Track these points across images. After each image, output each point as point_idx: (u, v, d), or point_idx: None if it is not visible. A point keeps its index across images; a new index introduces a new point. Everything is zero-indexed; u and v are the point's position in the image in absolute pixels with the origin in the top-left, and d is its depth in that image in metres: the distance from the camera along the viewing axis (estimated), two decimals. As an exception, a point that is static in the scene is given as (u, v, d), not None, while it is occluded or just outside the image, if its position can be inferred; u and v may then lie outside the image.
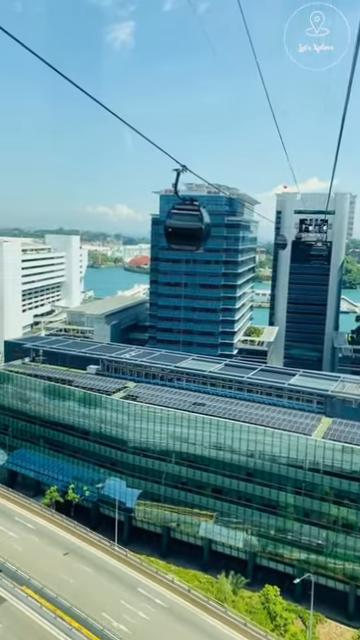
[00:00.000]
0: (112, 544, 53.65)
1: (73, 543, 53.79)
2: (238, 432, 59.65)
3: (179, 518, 63.17)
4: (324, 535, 55.65)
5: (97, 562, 50.63)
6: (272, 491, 58.04)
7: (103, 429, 68.17)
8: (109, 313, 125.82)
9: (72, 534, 55.61)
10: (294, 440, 56.69)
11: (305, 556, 56.33)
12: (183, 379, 73.40)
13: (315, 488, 55.94)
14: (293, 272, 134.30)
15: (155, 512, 64.46)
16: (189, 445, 62.52)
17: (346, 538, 54.53)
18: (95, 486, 68.33)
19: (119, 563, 50.42)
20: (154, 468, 64.42)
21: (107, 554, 52.08)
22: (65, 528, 56.75)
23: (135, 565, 50.54)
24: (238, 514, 60.01)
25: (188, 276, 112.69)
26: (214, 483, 61.25)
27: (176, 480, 63.32)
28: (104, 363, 77.48)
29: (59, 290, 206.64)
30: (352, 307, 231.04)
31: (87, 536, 55.13)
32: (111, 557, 51.74)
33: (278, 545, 57.86)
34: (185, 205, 11.27)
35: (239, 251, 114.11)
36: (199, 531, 61.88)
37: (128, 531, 66.36)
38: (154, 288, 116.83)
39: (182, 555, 64.11)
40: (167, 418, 63.45)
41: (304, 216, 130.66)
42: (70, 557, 51.34)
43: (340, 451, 54.57)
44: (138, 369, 75.99)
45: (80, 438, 70.65)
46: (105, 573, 49.05)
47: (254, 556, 59.41)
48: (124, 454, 66.28)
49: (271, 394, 67.92)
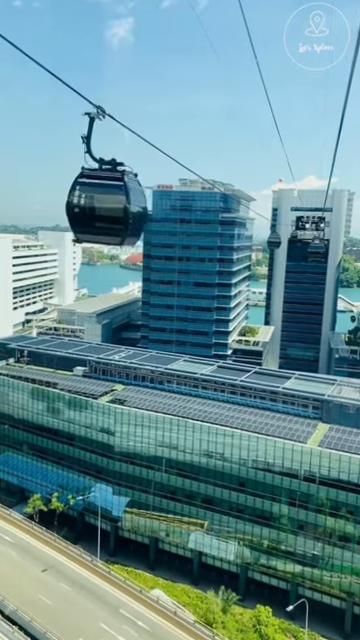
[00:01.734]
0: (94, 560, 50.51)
1: (53, 558, 50.65)
2: (230, 439, 56.59)
3: (168, 529, 60.14)
4: (319, 548, 52.73)
5: (77, 579, 47.51)
6: (265, 502, 55.06)
7: (89, 434, 64.97)
8: (100, 312, 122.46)
9: (52, 548, 52.48)
10: (289, 448, 53.67)
11: (299, 570, 53.43)
12: (174, 382, 70.24)
13: (310, 499, 52.97)
14: (289, 271, 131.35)
15: (143, 522, 61.40)
16: (178, 452, 59.43)
17: (342, 552, 51.62)
18: (80, 494, 65.20)
19: (101, 581, 47.31)
20: (142, 476, 61.30)
21: (89, 570, 48.97)
22: (45, 541, 53.60)
23: (118, 583, 47.44)
24: (229, 525, 57.01)
25: (181, 274, 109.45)
26: (204, 493, 58.20)
27: (165, 489, 60.24)
28: (91, 365, 74.20)
29: (52, 287, 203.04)
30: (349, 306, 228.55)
31: (68, 550, 51.99)
32: (93, 574, 48.63)
33: (271, 558, 54.90)
34: (101, 172, 7.14)
35: (234, 249, 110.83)
36: (189, 543, 58.87)
37: (114, 542, 63.34)
38: (147, 286, 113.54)
39: (171, 567, 61.16)
40: (155, 423, 60.31)
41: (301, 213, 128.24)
42: (49, 574, 48.20)
43: (337, 460, 51.58)
44: (127, 371, 72.76)
45: (65, 444, 67.46)
46: (85, 592, 45.95)
47: (246, 570, 56.45)
48: (110, 461, 63.12)
49: (265, 398, 64.89)
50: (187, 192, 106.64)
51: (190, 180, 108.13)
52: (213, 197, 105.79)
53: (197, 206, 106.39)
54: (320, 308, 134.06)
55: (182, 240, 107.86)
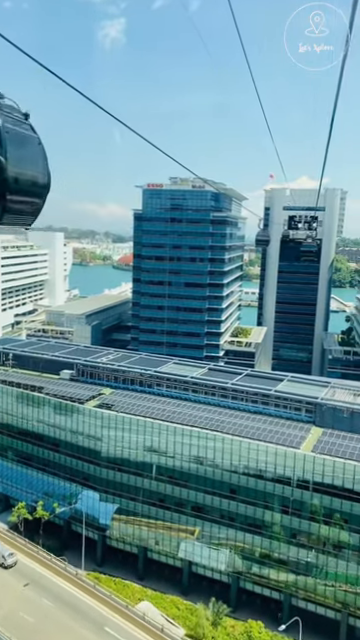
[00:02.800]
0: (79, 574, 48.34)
1: (36, 572, 48.47)
2: (221, 445, 54.71)
3: (157, 538, 58.13)
4: (313, 557, 50.98)
5: (61, 595, 45.37)
6: (257, 509, 53.24)
7: (75, 440, 62.81)
8: (90, 313, 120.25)
9: (35, 561, 50.23)
10: (281, 454, 51.89)
11: (292, 580, 51.65)
12: (163, 385, 68.22)
13: (303, 506, 51.21)
14: (282, 271, 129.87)
15: (131, 531, 59.35)
16: (168, 459, 57.46)
17: (337, 561, 49.89)
18: (67, 502, 63.05)
19: (86, 596, 45.21)
20: (130, 483, 59.25)
21: (73, 585, 46.84)
22: (28, 554, 51.37)
23: (103, 599, 45.32)
24: (220, 534, 55.12)
25: (172, 274, 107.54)
26: (194, 500, 56.26)
27: (153, 497, 58.24)
28: (78, 368, 72.02)
29: (42, 288, 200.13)
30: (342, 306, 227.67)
31: (52, 564, 49.75)
32: (77, 588, 46.51)
33: (263, 568, 53.08)
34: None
35: (226, 248, 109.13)
36: (179, 552, 56.91)
37: (102, 551, 61.26)
38: (137, 287, 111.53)
39: (160, 577, 59.17)
40: (144, 429, 58.29)
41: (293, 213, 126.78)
42: (31, 589, 46.02)
43: (331, 466, 49.86)
44: (115, 374, 70.64)
45: (51, 450, 65.24)
46: (69, 609, 43.83)
47: (238, 579, 54.58)
48: (97, 468, 61.00)
49: (257, 401, 63.03)
50: (178, 191, 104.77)
51: (181, 178, 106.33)
52: (204, 196, 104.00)
53: (188, 205, 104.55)
54: (313, 308, 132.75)
55: (173, 240, 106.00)
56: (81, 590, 46.14)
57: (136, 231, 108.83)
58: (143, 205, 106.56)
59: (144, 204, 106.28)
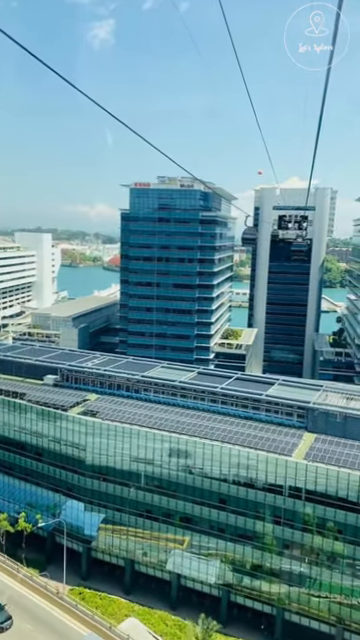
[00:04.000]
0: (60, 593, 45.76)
1: (14, 590, 45.87)
2: (210, 453, 52.51)
3: (144, 550, 55.78)
4: (306, 569, 48.98)
5: (40, 615, 42.87)
6: (248, 520, 51.14)
7: (58, 449, 60.26)
8: (77, 315, 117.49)
9: (14, 579, 47.60)
10: (272, 462, 49.82)
11: (285, 593, 49.59)
12: (151, 390, 65.91)
13: (296, 516, 49.20)
14: (272, 271, 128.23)
15: (117, 543, 56.95)
16: (155, 467, 55.14)
17: (331, 573, 47.93)
18: (50, 513, 60.48)
19: (67, 616, 42.72)
20: (115, 493, 56.85)
21: (54, 604, 44.32)
22: (7, 572, 48.71)
23: (85, 619, 42.83)
24: (210, 546, 52.93)
25: (161, 275, 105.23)
26: (183, 511, 54.01)
27: (140, 507, 55.88)
28: (63, 373, 69.45)
29: (30, 290, 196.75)
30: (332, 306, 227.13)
31: (32, 582, 47.18)
32: (58, 608, 44.00)
33: (255, 580, 50.97)
34: None
35: (215, 249, 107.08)
36: (167, 564, 54.61)
37: (87, 564, 58.82)
38: (125, 288, 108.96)
39: (148, 591, 56.90)
40: (129, 437, 55.92)
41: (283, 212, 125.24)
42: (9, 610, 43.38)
43: (324, 475, 47.90)
44: (101, 379, 68.17)
45: (33, 459, 62.61)
46: (48, 631, 41.34)
47: (228, 593, 52.41)
48: (82, 478, 58.52)
49: (247, 406, 60.98)
50: (166, 190, 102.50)
51: (169, 178, 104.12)
52: (193, 195, 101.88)
53: (176, 204, 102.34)
54: (304, 309, 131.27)
55: (161, 240, 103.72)
56: (62, 610, 43.61)
57: (123, 231, 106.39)
58: (130, 205, 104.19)
59: (131, 204, 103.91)
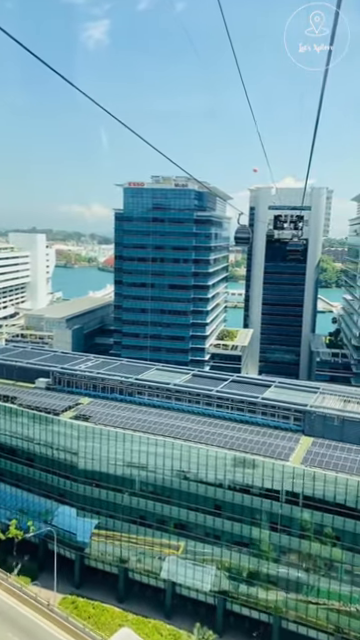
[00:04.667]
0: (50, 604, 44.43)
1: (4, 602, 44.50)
2: (205, 458, 51.30)
3: (138, 557, 54.51)
4: (304, 577, 47.87)
5: (30, 629, 41.58)
6: (244, 526, 49.98)
7: (50, 454, 58.88)
8: (71, 316, 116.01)
9: (3, 590, 46.23)
10: (269, 467, 48.67)
11: (282, 601, 48.46)
12: (145, 393, 64.67)
13: (293, 523, 48.08)
14: (268, 271, 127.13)
15: (111, 550, 55.66)
16: (148, 473, 53.88)
17: (329, 581, 46.83)
18: (42, 519, 59.12)
19: (57, 629, 41.43)
20: (108, 500, 55.56)
21: (44, 617, 43.01)
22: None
23: (76, 632, 41.54)
24: (205, 553, 51.72)
25: (155, 276, 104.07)
26: (178, 517, 52.78)
27: (134, 513, 54.62)
28: (55, 376, 68.11)
29: (24, 291, 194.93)
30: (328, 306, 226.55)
31: (21, 593, 45.84)
32: (48, 620, 42.70)
33: (251, 588, 49.81)
34: None
35: (210, 249, 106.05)
36: (161, 572, 53.37)
37: (80, 572, 57.50)
38: (119, 289, 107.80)
39: (143, 599, 55.69)
40: (123, 442, 54.63)
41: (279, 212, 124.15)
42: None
43: (321, 480, 46.81)
44: (94, 382, 66.85)
45: (24, 465, 61.17)
46: (38, 645, 40.11)
47: (224, 601, 51.23)
48: (74, 483, 57.19)
49: (243, 409, 59.84)
50: (160, 189, 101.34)
51: (163, 177, 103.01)
52: (187, 194, 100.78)
53: (171, 204, 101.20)
54: (300, 309, 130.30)
55: (155, 240, 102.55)
56: (52, 623, 42.34)
57: (117, 232, 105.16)
58: (124, 205, 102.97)
59: (125, 203, 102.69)
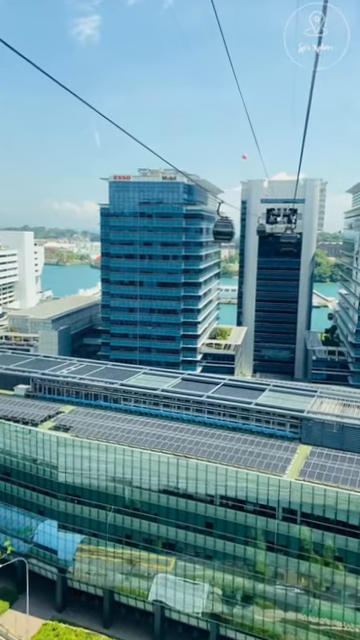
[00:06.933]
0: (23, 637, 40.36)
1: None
2: (194, 472, 47.23)
3: (124, 578, 50.48)
4: (303, 600, 44.05)
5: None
6: (237, 545, 46.01)
7: (27, 469, 54.58)
8: (57, 317, 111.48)
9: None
10: (264, 482, 44.69)
11: (280, 626, 44.62)
12: (131, 399, 60.55)
13: (290, 542, 44.17)
14: (261, 267, 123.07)
15: (95, 570, 51.58)
16: (134, 489, 49.75)
17: (331, 605, 43.04)
18: (21, 538, 54.95)
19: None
20: (91, 517, 51.43)
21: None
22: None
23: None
24: (196, 574, 47.74)
25: (144, 274, 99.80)
26: (166, 536, 48.73)
27: (119, 532, 50.51)
28: (35, 382, 63.82)
29: (12, 291, 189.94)
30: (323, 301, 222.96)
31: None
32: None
33: (246, 612, 45.92)
34: None
35: (201, 244, 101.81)
36: (149, 595, 49.37)
37: (62, 594, 53.44)
38: (106, 287, 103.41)
39: (130, 623, 51.82)
40: (105, 455, 50.45)
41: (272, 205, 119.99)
42: None
43: (321, 495, 42.89)
44: (77, 388, 62.63)
45: (1, 480, 56.85)
46: None
47: (217, 626, 47.32)
48: (54, 500, 52.99)
49: (236, 416, 55.91)
50: (147, 183, 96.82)
51: (150, 170, 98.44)
52: (176, 188, 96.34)
53: (159, 198, 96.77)
54: (294, 306, 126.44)
55: (143, 236, 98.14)
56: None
57: (103, 228, 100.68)
58: (110, 199, 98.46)
59: (111, 198, 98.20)
